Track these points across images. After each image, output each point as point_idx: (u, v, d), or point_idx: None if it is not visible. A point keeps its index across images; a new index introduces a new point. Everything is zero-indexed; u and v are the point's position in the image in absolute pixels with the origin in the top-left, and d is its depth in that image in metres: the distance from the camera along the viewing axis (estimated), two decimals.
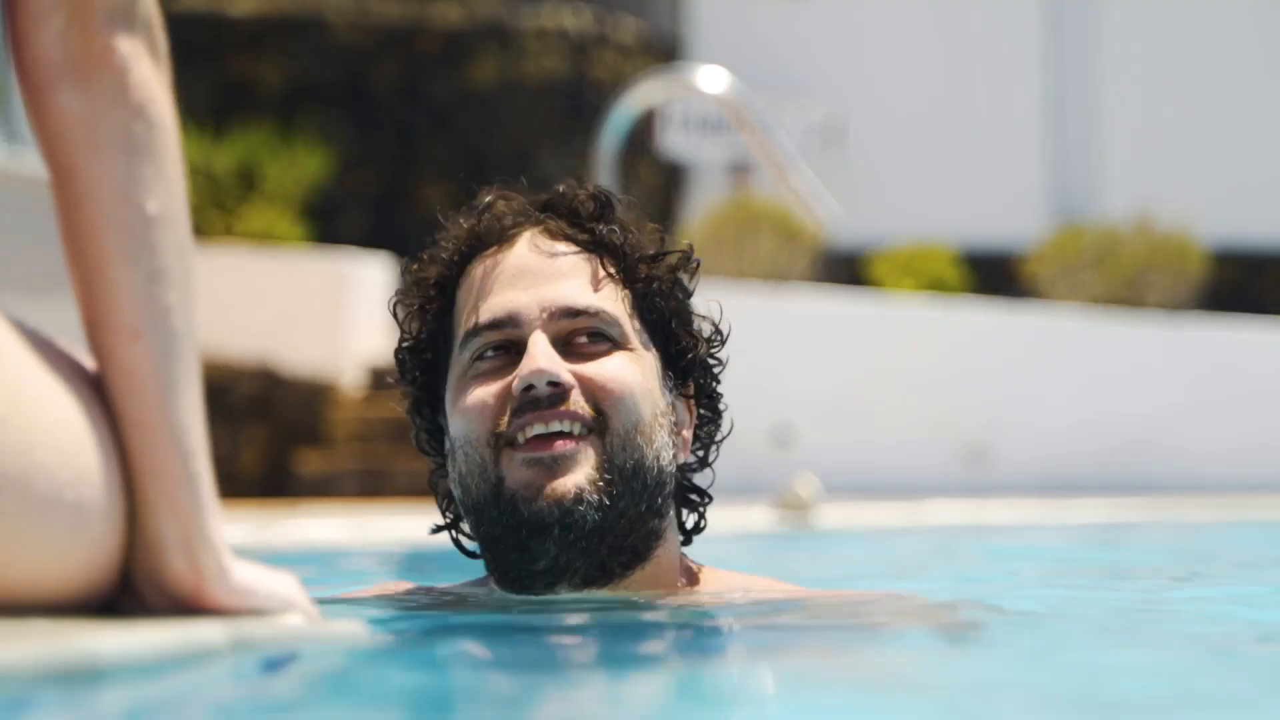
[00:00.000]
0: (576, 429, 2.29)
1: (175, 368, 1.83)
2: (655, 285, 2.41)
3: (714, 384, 2.47)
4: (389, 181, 14.84)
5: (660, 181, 15.97)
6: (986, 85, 16.90)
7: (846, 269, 14.73)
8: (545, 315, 2.34)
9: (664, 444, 2.35)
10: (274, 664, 1.81)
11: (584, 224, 2.41)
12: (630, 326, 2.38)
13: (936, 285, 13.97)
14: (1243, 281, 15.80)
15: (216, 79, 14.68)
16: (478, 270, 2.39)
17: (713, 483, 2.51)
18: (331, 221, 14.07)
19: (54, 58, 1.81)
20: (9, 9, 1.81)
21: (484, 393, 2.33)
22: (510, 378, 2.32)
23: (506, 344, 2.34)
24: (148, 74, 1.83)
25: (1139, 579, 4.07)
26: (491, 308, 2.36)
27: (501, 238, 2.41)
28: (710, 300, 2.54)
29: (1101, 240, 13.76)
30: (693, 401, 2.45)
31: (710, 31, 16.73)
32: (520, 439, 2.30)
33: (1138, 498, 9.78)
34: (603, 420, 2.31)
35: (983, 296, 13.68)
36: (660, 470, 2.35)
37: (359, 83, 15.03)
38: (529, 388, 2.29)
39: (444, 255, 2.42)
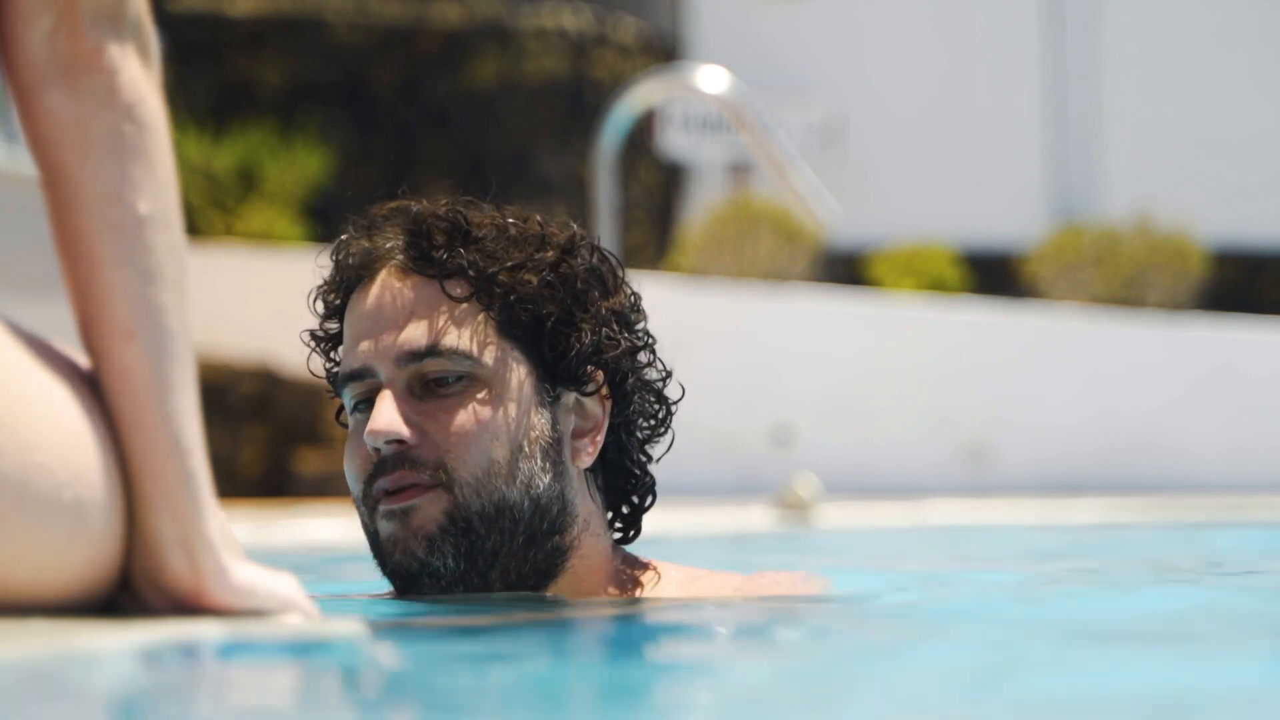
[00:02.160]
0: (424, 480, 2.31)
1: (170, 367, 1.83)
2: (516, 295, 2.36)
3: (629, 364, 2.41)
4: (389, 181, 14.83)
5: (660, 181, 15.97)
6: (987, 85, 16.90)
7: (846, 269, 14.73)
8: (393, 363, 2.35)
9: (534, 472, 2.34)
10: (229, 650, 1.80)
11: (430, 254, 2.38)
12: (486, 353, 2.35)
13: (936, 285, 13.98)
14: (1243, 281, 15.81)
15: (216, 79, 14.69)
16: (350, 306, 2.41)
17: (671, 444, 2.48)
18: (331, 221, 14.07)
19: (42, 59, 1.81)
20: None
21: (354, 450, 2.38)
22: None
23: (369, 394, 2.37)
24: (137, 75, 1.83)
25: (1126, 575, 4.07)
26: (350, 360, 2.39)
27: (363, 276, 2.41)
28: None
29: (1101, 240, 13.77)
30: (605, 392, 2.41)
31: (710, 31, 16.74)
32: (377, 495, 2.35)
33: (1138, 498, 9.78)
34: (449, 473, 2.32)
35: (983, 296, 13.68)
36: (535, 499, 2.34)
37: (359, 83, 15.03)
38: (375, 449, 2.32)
39: (327, 294, 2.45)
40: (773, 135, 8.89)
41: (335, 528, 6.84)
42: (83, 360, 1.86)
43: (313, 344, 2.48)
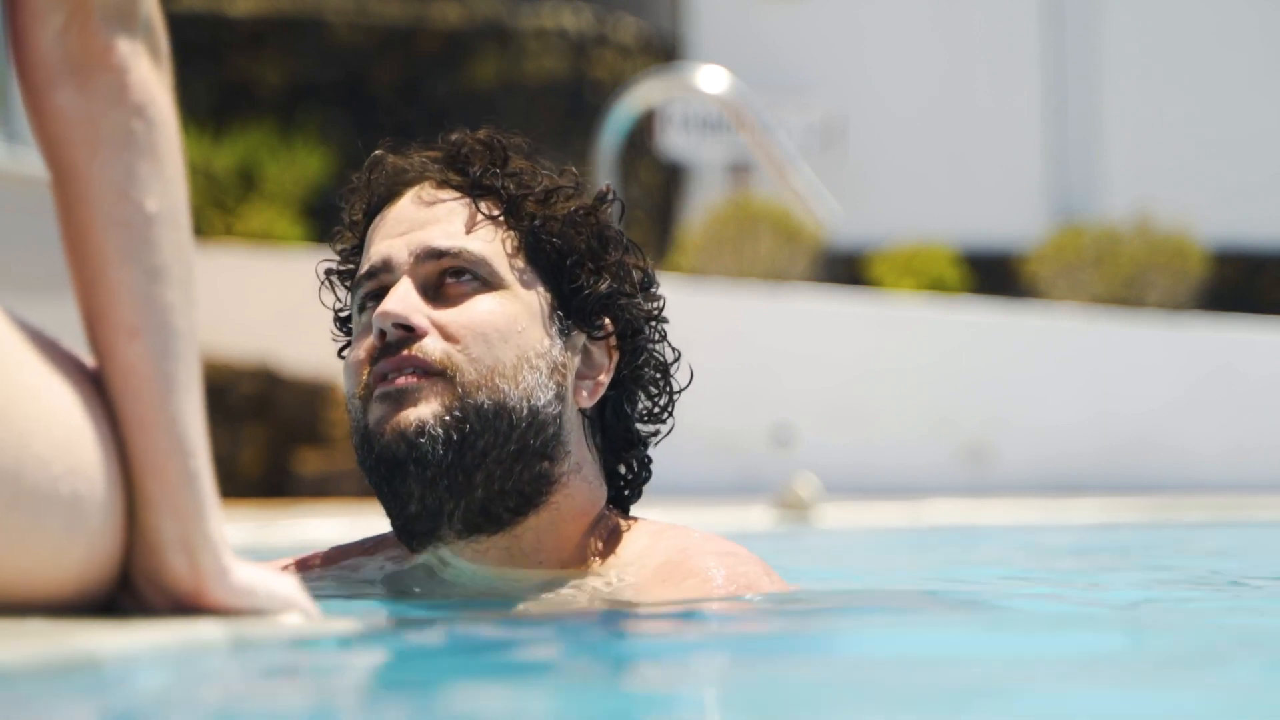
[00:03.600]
0: (430, 366, 2.29)
1: (175, 366, 1.83)
2: (542, 224, 2.38)
3: (640, 322, 2.42)
4: None
5: (660, 181, 15.97)
6: (987, 85, 16.90)
7: (846, 269, 14.73)
8: (413, 259, 2.35)
9: (537, 384, 2.33)
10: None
11: (466, 170, 2.40)
12: (507, 267, 2.36)
13: (936, 285, 13.98)
14: (1243, 281, 15.81)
15: (216, 79, 14.69)
16: (375, 223, 2.42)
17: (671, 429, 2.47)
18: (331, 221, 14.07)
19: (53, 57, 1.81)
20: (9, 8, 1.81)
21: (359, 348, 2.36)
22: None
23: (382, 291, 2.36)
24: (147, 74, 1.83)
25: (1125, 576, 4.07)
26: (370, 257, 2.39)
27: (392, 193, 2.41)
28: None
29: (1101, 240, 13.77)
30: (613, 343, 2.41)
31: (710, 31, 16.74)
32: (374, 379, 2.32)
33: (1138, 498, 9.78)
34: (455, 365, 2.30)
35: (983, 296, 13.68)
36: (534, 411, 2.33)
37: (359, 83, 15.03)
38: (381, 333, 2.31)
39: (352, 219, 2.46)
40: (773, 135, 8.90)
41: (335, 528, 6.84)
42: (85, 357, 1.86)
43: (325, 279, 2.48)
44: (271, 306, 11.65)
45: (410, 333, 2.31)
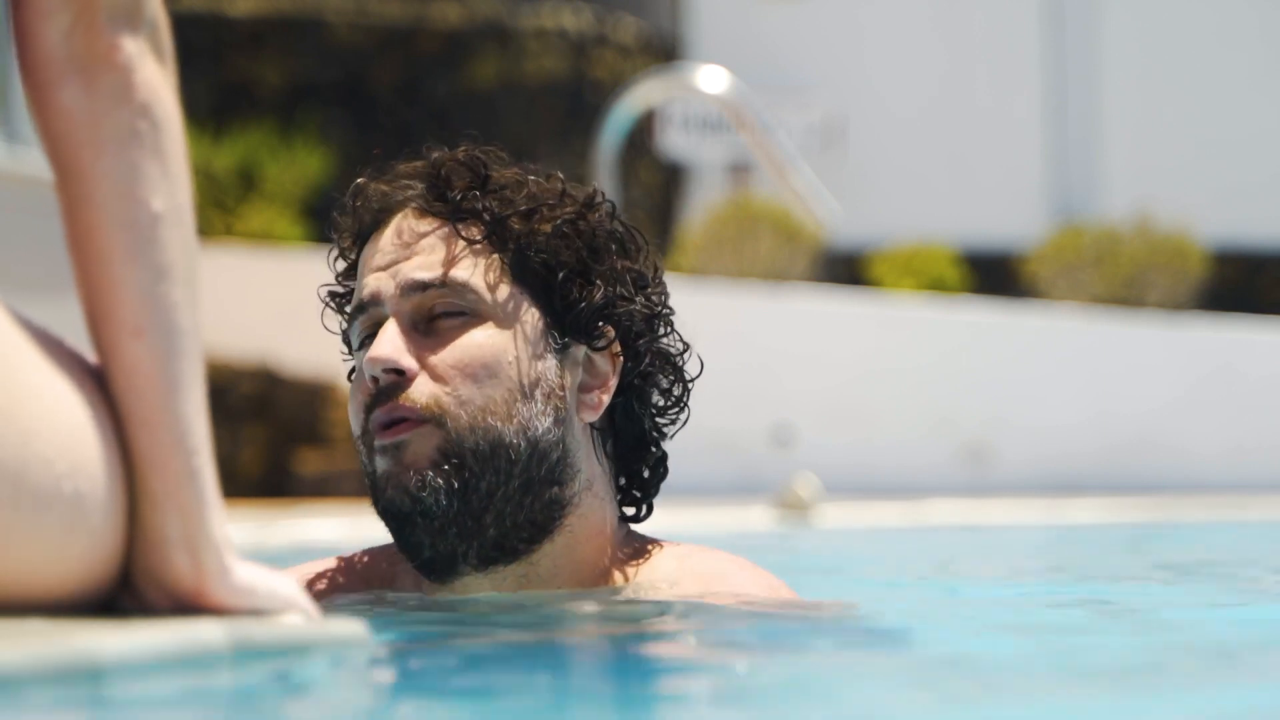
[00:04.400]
0: (417, 414, 2.27)
1: (179, 365, 1.83)
2: (529, 241, 2.34)
3: (641, 324, 2.38)
4: None
5: (660, 181, 15.97)
6: (987, 85, 16.91)
7: (846, 269, 14.74)
8: (399, 292, 2.33)
9: (532, 415, 2.30)
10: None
11: (446, 195, 2.37)
12: (493, 295, 2.32)
13: (936, 285, 13.98)
14: (1243, 281, 15.81)
15: (216, 79, 14.69)
16: (365, 249, 2.40)
17: (686, 420, 2.43)
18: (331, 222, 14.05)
19: (58, 56, 1.81)
20: (13, 7, 1.81)
21: (357, 387, 2.35)
22: None
23: (375, 328, 2.35)
24: (153, 73, 1.83)
25: (1127, 578, 4.06)
26: (360, 292, 2.37)
27: (378, 220, 2.40)
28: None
29: (1101, 240, 13.78)
30: (616, 349, 2.36)
31: (710, 31, 16.74)
32: (373, 429, 2.31)
33: (1138, 498, 9.78)
34: (443, 408, 2.28)
35: (983, 296, 13.68)
36: (533, 442, 2.30)
37: (359, 83, 15.03)
38: (374, 379, 2.30)
39: (343, 247, 2.44)
40: (773, 135, 8.90)
41: (335, 528, 6.84)
42: (88, 356, 1.86)
43: (329, 301, 2.46)
44: (271, 306, 11.65)
45: (401, 376, 2.29)
